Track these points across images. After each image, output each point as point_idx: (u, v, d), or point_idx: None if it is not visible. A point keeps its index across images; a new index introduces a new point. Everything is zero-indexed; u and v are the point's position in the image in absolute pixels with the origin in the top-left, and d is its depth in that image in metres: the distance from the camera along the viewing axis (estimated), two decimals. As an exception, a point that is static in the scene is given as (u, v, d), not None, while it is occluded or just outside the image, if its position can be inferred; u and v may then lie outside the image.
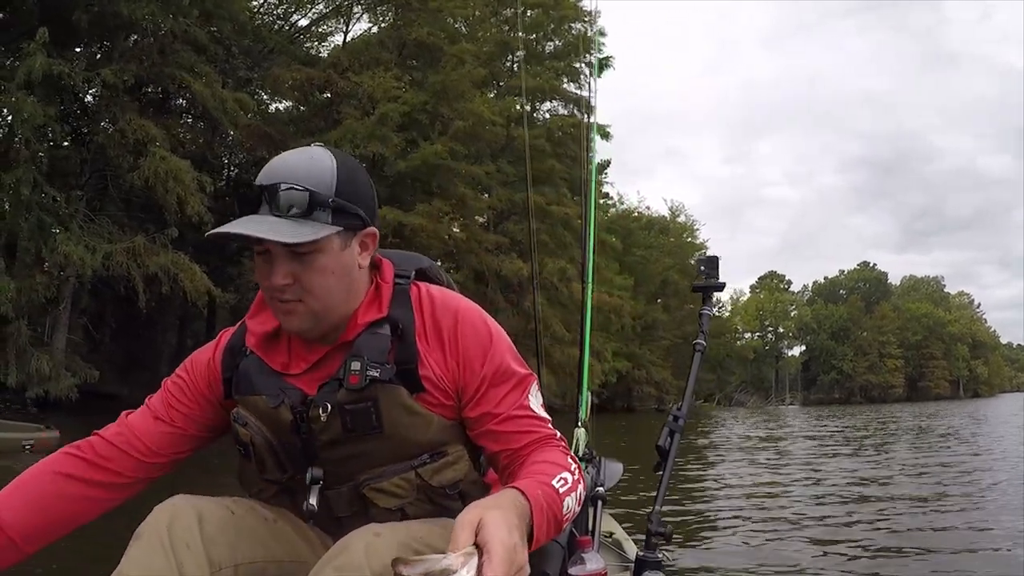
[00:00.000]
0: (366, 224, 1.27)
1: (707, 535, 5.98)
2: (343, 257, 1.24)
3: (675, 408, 2.14)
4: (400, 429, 1.27)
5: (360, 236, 1.27)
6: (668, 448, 2.05)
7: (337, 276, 1.24)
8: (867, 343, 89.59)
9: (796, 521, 6.54)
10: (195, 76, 19.25)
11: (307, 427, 1.29)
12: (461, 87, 23.04)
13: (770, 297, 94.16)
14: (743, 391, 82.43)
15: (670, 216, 55.94)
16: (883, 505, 7.36)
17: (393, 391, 1.27)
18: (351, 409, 1.26)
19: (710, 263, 2.36)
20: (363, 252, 1.29)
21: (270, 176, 1.21)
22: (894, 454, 14.14)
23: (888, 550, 5.31)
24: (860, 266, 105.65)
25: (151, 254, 17.79)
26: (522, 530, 0.99)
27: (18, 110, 15.84)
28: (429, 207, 22.37)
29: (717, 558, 5.13)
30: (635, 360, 44.83)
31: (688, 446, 17.77)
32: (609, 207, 50.21)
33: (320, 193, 1.19)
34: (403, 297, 1.35)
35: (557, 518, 1.12)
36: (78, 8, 17.59)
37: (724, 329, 74.25)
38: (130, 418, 1.39)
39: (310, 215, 1.19)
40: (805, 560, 5.00)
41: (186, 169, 18.20)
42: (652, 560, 1.84)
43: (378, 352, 1.27)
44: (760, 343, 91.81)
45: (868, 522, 6.39)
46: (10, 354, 16.40)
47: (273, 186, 1.19)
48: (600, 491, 2.11)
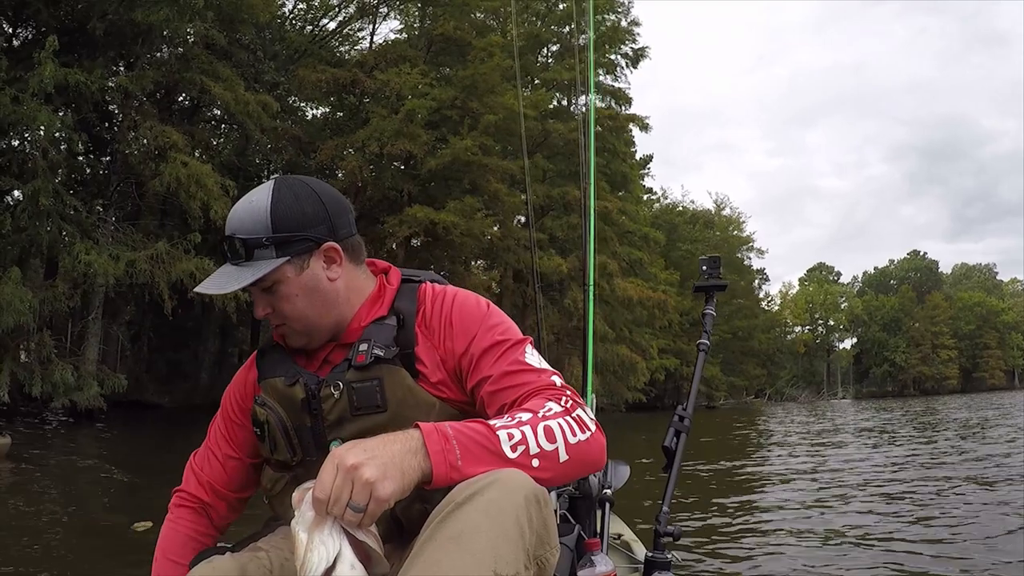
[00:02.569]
0: (320, 242, 1.35)
1: (721, 535, 5.69)
2: (303, 280, 1.34)
3: (680, 408, 2.10)
4: (403, 409, 1.31)
5: (318, 254, 1.36)
6: (675, 448, 2.02)
7: (303, 296, 1.35)
8: (919, 334, 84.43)
9: (818, 522, 6.15)
10: (216, 80, 18.32)
11: (318, 404, 1.35)
12: (491, 80, 21.67)
13: (820, 289, 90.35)
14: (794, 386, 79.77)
15: (715, 209, 53.78)
16: (906, 503, 6.85)
17: (396, 372, 1.33)
18: (358, 387, 1.32)
19: (712, 263, 2.37)
20: (331, 265, 1.37)
21: (228, 227, 1.35)
22: (929, 449, 12.68)
23: (909, 551, 4.88)
24: (910, 255, 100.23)
25: (175, 260, 16.85)
26: (382, 454, 1.01)
27: (32, 120, 14.97)
28: (461, 204, 21.02)
29: (730, 558, 4.90)
30: (683, 357, 42.83)
31: (720, 443, 16.77)
32: (653, 202, 48.60)
33: (252, 238, 1.31)
34: (410, 293, 1.43)
35: (487, 447, 1.09)
36: (93, 17, 16.80)
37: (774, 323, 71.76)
38: (199, 465, 1.55)
39: (251, 258, 1.31)
40: (825, 560, 4.72)
41: (208, 173, 17.24)
42: (661, 561, 1.82)
43: (383, 337, 1.35)
44: (810, 336, 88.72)
45: (890, 521, 6.01)
46: (34, 364, 15.60)
47: (227, 238, 1.33)
48: (608, 493, 2.04)
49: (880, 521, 6.11)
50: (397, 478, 1.00)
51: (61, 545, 5.23)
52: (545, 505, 1.09)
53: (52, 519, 6.21)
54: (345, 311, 1.39)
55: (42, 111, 15.00)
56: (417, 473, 1.03)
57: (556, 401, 1.21)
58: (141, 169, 17.60)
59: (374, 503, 0.98)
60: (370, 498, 0.98)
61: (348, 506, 0.98)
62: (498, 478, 1.04)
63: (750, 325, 54.98)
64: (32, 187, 15.43)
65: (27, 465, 9.65)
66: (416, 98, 20.47)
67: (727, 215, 54.04)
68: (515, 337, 1.35)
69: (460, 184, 22.66)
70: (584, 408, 1.24)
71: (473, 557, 0.96)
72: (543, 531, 1.08)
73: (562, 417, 1.17)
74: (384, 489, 0.98)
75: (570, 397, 1.24)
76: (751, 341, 56.31)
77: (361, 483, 0.97)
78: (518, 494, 1.03)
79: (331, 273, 1.36)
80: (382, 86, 21.22)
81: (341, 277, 1.38)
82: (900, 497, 7.33)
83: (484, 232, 21.63)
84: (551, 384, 1.27)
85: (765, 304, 73.01)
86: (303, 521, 1.01)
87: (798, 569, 4.59)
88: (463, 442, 1.07)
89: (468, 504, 1.01)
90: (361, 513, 0.98)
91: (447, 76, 23.09)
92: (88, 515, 6.67)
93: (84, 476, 9.36)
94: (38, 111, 14.97)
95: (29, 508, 6.66)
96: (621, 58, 30.16)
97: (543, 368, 1.31)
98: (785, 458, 12.63)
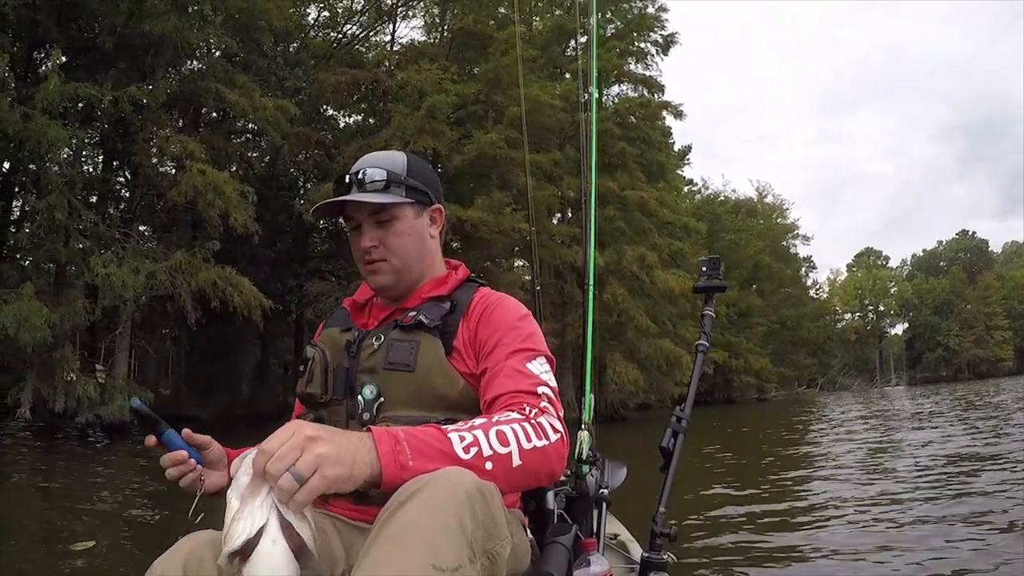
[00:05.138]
0: (432, 202, 1.52)
1: (726, 535, 5.34)
2: (416, 224, 1.49)
3: (678, 409, 2.05)
4: (430, 376, 1.35)
5: (429, 211, 1.52)
6: (672, 449, 1.96)
7: (412, 238, 1.48)
8: (972, 316, 79.19)
9: (828, 518, 5.71)
10: (232, 87, 17.42)
11: (357, 349, 1.43)
12: (514, 73, 20.28)
13: (868, 274, 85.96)
14: (847, 374, 76.38)
15: (757, 197, 51.32)
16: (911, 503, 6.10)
17: (433, 342, 1.39)
18: (396, 345, 1.39)
19: (712, 264, 2.31)
20: (432, 225, 1.53)
21: (357, 166, 1.48)
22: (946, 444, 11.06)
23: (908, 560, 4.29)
24: (959, 235, 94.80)
25: (195, 270, 15.96)
26: (340, 440, 0.98)
27: (43, 135, 14.19)
28: (489, 200, 19.65)
29: (732, 558, 4.63)
30: (732, 349, 40.70)
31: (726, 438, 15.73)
32: (694, 193, 46.66)
33: (394, 172, 1.47)
34: (469, 289, 1.52)
35: (438, 448, 1.07)
36: (103, 31, 16.05)
37: (823, 311, 68.76)
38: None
39: (387, 189, 1.45)
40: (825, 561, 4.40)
41: (227, 181, 16.30)
42: (657, 561, 1.78)
43: (433, 313, 1.43)
44: (861, 324, 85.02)
45: (897, 519, 5.45)
46: (57, 380, 14.82)
47: (359, 170, 1.46)
48: (604, 493, 1.97)
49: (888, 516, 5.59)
50: (347, 465, 0.97)
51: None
52: (491, 499, 1.04)
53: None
54: (426, 272, 1.52)
55: (51, 126, 14.26)
56: (367, 469, 1.00)
57: (517, 409, 1.22)
58: (159, 181, 16.79)
59: (318, 477, 0.92)
60: (315, 472, 0.92)
61: (289, 471, 0.91)
62: (440, 475, 1.02)
63: (798, 314, 52.35)
64: (47, 202, 14.77)
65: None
66: (437, 94, 19.20)
67: (770, 203, 51.39)
68: (532, 346, 1.38)
69: (488, 180, 21.31)
70: (552, 417, 1.24)
71: (411, 553, 0.92)
72: (490, 525, 1.03)
73: (519, 423, 1.17)
74: (331, 470, 0.94)
75: (536, 407, 1.24)
76: (800, 331, 53.63)
77: (313, 454, 0.93)
78: (459, 489, 1.00)
79: (432, 231, 1.53)
80: (403, 84, 20.05)
81: (436, 239, 1.55)
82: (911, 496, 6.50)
83: (515, 228, 20.21)
84: (531, 391, 1.28)
85: (813, 292, 70.11)
86: (237, 488, 0.94)
87: (798, 569, 4.38)
88: (414, 444, 1.06)
89: (409, 502, 0.97)
90: (297, 485, 0.91)
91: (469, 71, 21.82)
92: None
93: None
94: (48, 126, 14.25)
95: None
96: (651, 46, 28.47)
97: (536, 376, 1.32)
98: (801, 455, 11.68)
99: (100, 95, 15.08)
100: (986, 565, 4.04)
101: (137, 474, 10.20)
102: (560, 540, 1.44)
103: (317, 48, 23.10)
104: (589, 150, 2.82)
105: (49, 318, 13.99)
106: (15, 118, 14.07)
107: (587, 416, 2.46)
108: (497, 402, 1.26)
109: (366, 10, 24.07)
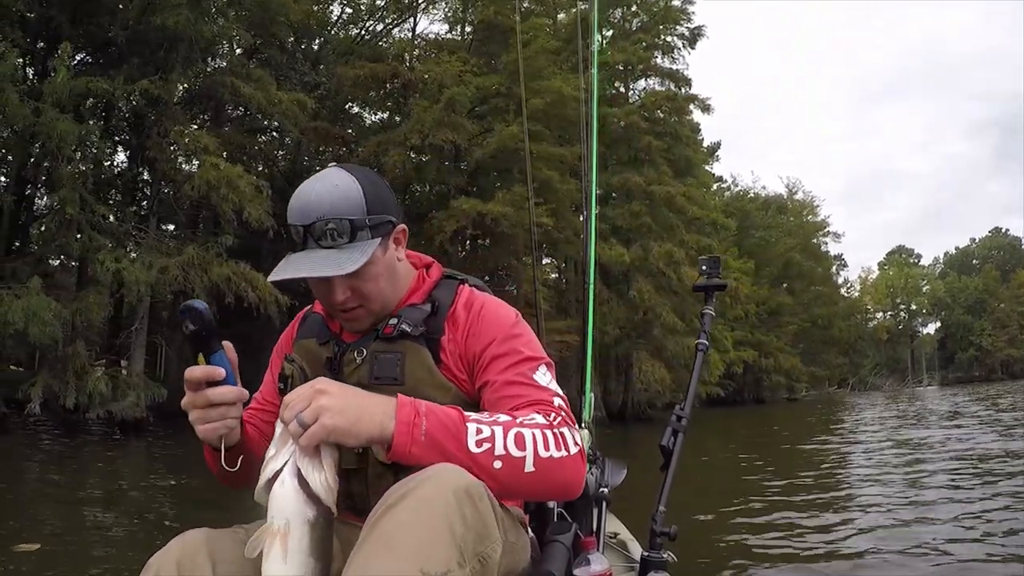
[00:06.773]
0: (395, 224, 1.32)
1: (729, 534, 5.21)
2: (386, 260, 1.31)
3: (678, 408, 2.02)
4: (420, 387, 1.25)
5: (393, 235, 1.33)
6: (672, 448, 1.94)
7: (385, 276, 1.31)
8: (1005, 315, 75.87)
9: (826, 518, 5.65)
10: (247, 81, 16.81)
11: (338, 365, 1.32)
12: (536, 64, 19.38)
13: (900, 273, 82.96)
14: (878, 374, 74.03)
15: (787, 194, 49.67)
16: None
17: (419, 351, 1.28)
18: (380, 358, 1.29)
19: (712, 263, 2.27)
20: (398, 247, 1.36)
21: (306, 214, 1.23)
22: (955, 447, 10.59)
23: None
24: (992, 233, 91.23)
25: (209, 265, 15.35)
26: (352, 397, 1.02)
27: (53, 129, 13.69)
28: (510, 194, 18.77)
29: (732, 558, 4.47)
30: (762, 348, 39.27)
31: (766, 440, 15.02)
32: (724, 190, 45.33)
33: (357, 219, 1.24)
34: (449, 288, 1.38)
35: (452, 434, 1.05)
36: (115, 26, 15.53)
37: (854, 310, 66.66)
38: (248, 415, 1.40)
39: (354, 239, 1.24)
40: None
41: (240, 175, 15.64)
42: (657, 560, 1.74)
43: (414, 317, 1.31)
44: (892, 322, 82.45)
45: (887, 521, 5.36)
46: (69, 375, 14.30)
47: (313, 224, 1.23)
48: (604, 492, 1.94)
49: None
50: (351, 420, 0.99)
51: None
52: (481, 500, 1.01)
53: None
54: (400, 292, 1.37)
55: (61, 120, 13.74)
56: (376, 429, 1.01)
57: (543, 415, 1.16)
58: (173, 175, 16.22)
59: (317, 426, 0.97)
60: (315, 420, 0.97)
61: (296, 417, 0.98)
62: (430, 476, 1.00)
63: (829, 313, 50.58)
64: (59, 196, 14.27)
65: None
66: (457, 86, 18.39)
67: (800, 200, 49.67)
68: (531, 353, 1.30)
69: (509, 174, 20.44)
70: (574, 431, 1.18)
71: (400, 557, 0.91)
72: (480, 527, 1.00)
73: (540, 429, 1.12)
74: (330, 419, 0.98)
75: (560, 415, 1.18)
76: (831, 329, 51.84)
77: (317, 405, 0.98)
78: (448, 491, 0.98)
79: (399, 253, 1.36)
80: (422, 76, 19.28)
81: (404, 259, 1.39)
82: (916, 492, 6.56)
83: (538, 222, 19.31)
84: (547, 402, 1.22)
85: (844, 291, 68.02)
86: (275, 437, 1.03)
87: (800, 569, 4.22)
88: (432, 421, 1.04)
89: (399, 504, 0.97)
90: (301, 431, 0.98)
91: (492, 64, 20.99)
92: None
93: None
94: (58, 121, 13.75)
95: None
96: (677, 39, 27.35)
97: (547, 387, 1.25)
98: (818, 455, 11.23)
99: (112, 89, 14.59)
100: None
101: (149, 472, 9.99)
102: (560, 539, 1.42)
103: (339, 45, 22.42)
104: (591, 144, 2.78)
105: (60, 313, 13.49)
106: (25, 112, 13.62)
107: (587, 415, 2.44)
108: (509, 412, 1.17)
109: (387, 4, 23.35)
